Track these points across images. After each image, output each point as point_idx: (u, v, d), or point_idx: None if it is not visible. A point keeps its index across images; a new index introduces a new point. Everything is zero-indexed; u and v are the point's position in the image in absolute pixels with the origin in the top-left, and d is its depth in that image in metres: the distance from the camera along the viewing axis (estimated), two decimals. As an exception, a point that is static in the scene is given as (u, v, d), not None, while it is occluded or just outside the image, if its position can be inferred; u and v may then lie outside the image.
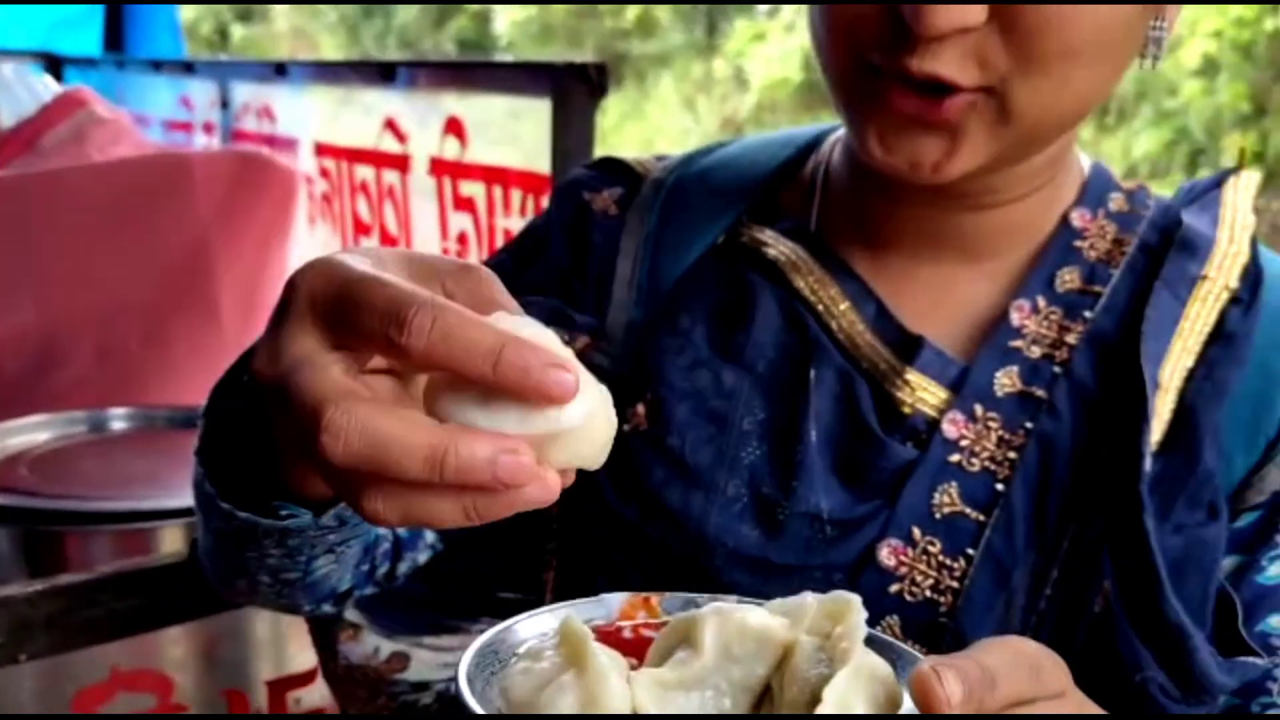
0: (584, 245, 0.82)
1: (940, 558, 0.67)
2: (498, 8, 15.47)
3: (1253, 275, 0.71)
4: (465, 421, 0.43)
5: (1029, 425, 0.69)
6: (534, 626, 0.49)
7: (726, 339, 0.75)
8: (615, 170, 0.84)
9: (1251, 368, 0.69)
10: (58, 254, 1.69)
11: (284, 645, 1.27)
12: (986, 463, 0.70)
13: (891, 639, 0.49)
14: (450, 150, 1.60)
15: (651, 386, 0.73)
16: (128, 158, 1.76)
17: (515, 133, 1.45)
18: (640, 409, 0.74)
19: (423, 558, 0.85)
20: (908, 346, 0.72)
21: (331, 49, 14.94)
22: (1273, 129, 8.74)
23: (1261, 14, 8.77)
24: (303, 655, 1.28)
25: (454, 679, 0.46)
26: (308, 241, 1.99)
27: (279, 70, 2.01)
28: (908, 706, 0.45)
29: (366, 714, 0.95)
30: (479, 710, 0.44)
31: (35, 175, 1.66)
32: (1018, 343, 0.72)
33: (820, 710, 0.43)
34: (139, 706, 1.19)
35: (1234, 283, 0.71)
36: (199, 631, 1.23)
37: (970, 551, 0.67)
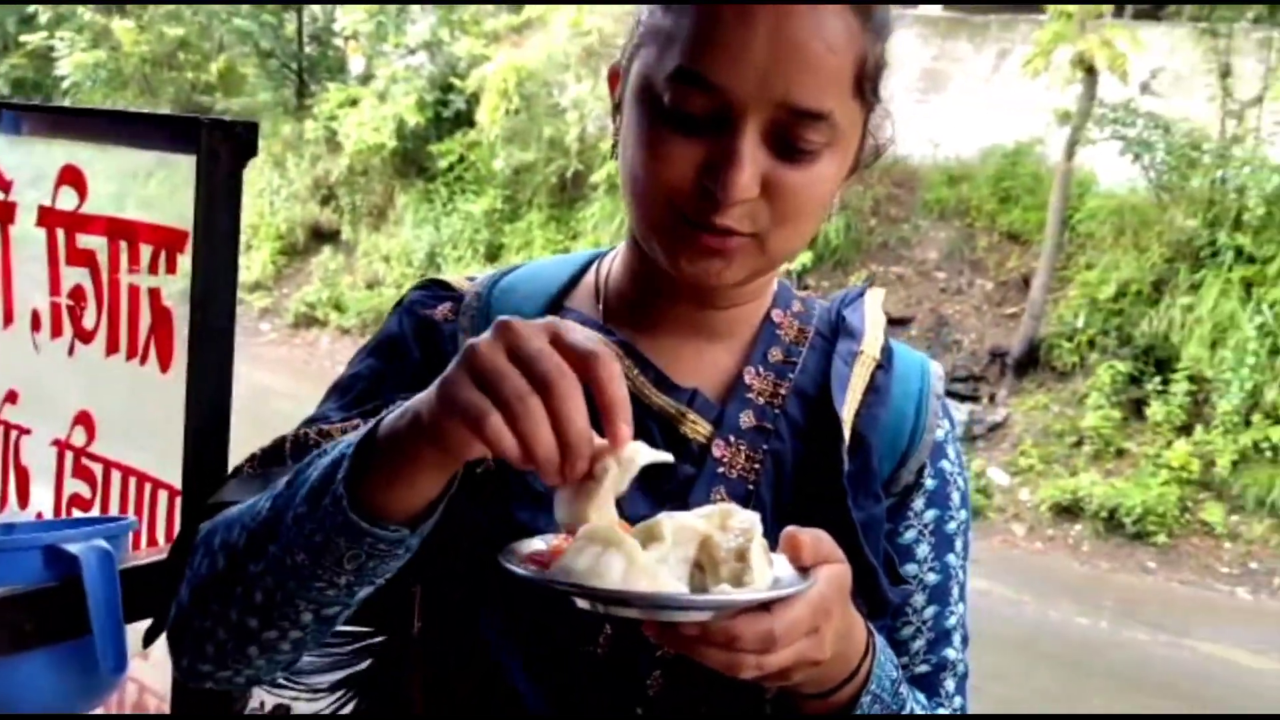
0: (433, 347, 1.08)
1: None
2: (59, 49, 14.27)
3: (888, 351, 1.10)
4: None
5: (765, 447, 1.04)
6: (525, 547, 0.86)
7: None
8: (441, 288, 1.13)
9: (892, 408, 1.08)
10: None
11: None
12: (741, 472, 1.03)
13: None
14: (66, 202, 1.49)
15: None
16: None
17: (148, 187, 1.39)
18: (491, 459, 0.91)
19: None
20: (685, 397, 1.04)
21: None
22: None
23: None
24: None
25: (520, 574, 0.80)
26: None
27: None
28: (779, 556, 0.84)
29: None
30: (567, 583, 0.78)
31: None
32: (750, 395, 1.06)
33: (755, 557, 0.80)
34: None
35: (878, 355, 1.09)
36: None
37: None
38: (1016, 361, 9.30)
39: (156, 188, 1.52)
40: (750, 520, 0.83)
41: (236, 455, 1.27)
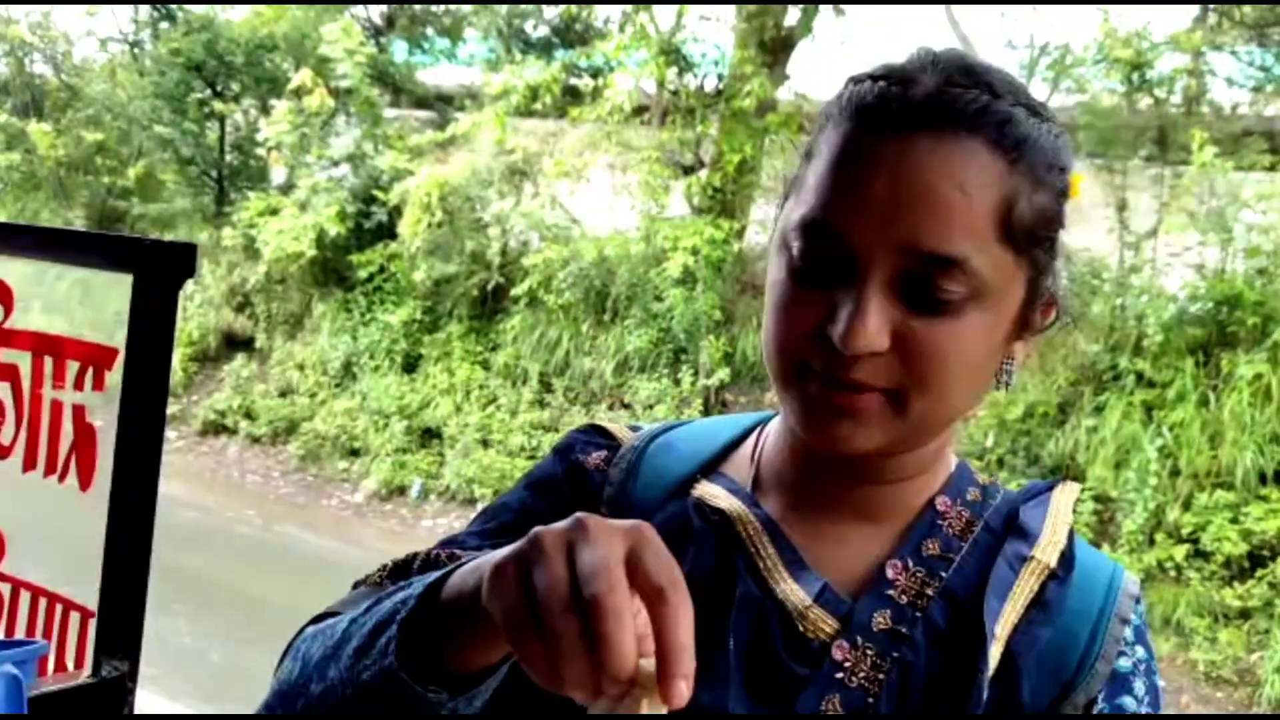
0: (584, 495, 1.02)
1: None
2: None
3: (1068, 559, 0.94)
4: None
5: (895, 655, 0.90)
6: None
7: None
8: (601, 435, 1.07)
9: (1060, 627, 0.92)
10: None
11: None
12: (863, 680, 0.90)
13: None
14: (-11, 315, 1.47)
15: None
16: None
17: (78, 303, 1.37)
18: None
19: None
20: (814, 587, 0.93)
21: None
22: (740, 335, 10.00)
23: (730, 236, 10.10)
24: None
25: None
26: None
27: None
28: None
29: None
30: None
31: None
32: (891, 591, 0.93)
33: None
34: None
35: (1053, 563, 0.93)
36: None
37: None
38: (929, 480, 9.44)
39: (85, 300, 1.50)
40: None
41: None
